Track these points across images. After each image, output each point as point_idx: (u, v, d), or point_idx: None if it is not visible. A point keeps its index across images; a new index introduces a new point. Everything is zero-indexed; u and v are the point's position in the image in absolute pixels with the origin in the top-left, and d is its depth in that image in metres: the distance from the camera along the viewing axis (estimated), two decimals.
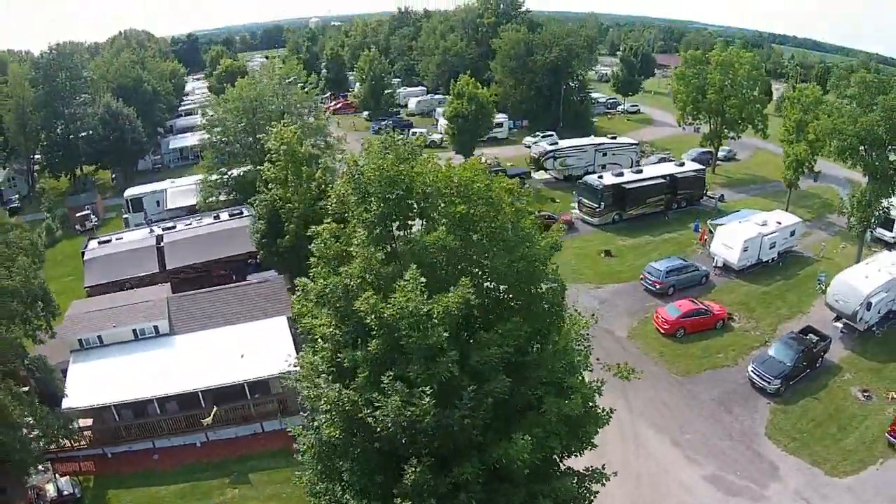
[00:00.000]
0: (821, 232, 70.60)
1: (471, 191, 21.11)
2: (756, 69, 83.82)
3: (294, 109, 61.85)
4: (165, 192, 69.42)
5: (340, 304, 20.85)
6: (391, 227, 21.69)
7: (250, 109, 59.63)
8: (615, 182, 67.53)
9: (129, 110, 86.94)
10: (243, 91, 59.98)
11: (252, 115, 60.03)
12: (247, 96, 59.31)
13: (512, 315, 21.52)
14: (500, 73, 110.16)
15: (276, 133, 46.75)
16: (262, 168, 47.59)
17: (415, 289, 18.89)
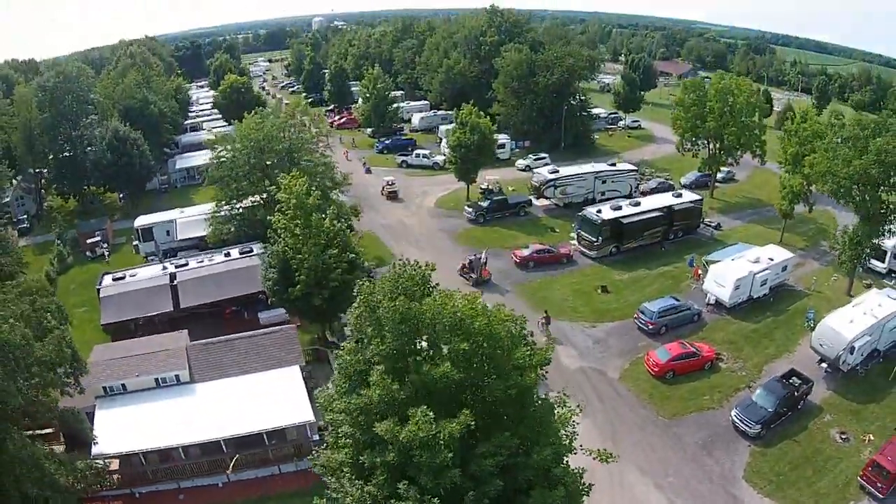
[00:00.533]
0: (813, 262, 72.39)
1: (472, 328, 24.20)
2: (754, 96, 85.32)
3: (301, 146, 63.39)
4: (175, 223, 71.11)
5: (361, 419, 23.15)
6: (406, 362, 24.66)
7: (258, 149, 61.34)
8: (613, 217, 69.42)
9: (136, 134, 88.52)
10: (251, 132, 61.49)
11: (260, 154, 61.80)
12: (254, 137, 60.89)
13: (505, 428, 24.56)
14: (503, 93, 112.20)
15: (286, 185, 48.58)
16: (273, 218, 49.40)
17: (425, 421, 21.80)
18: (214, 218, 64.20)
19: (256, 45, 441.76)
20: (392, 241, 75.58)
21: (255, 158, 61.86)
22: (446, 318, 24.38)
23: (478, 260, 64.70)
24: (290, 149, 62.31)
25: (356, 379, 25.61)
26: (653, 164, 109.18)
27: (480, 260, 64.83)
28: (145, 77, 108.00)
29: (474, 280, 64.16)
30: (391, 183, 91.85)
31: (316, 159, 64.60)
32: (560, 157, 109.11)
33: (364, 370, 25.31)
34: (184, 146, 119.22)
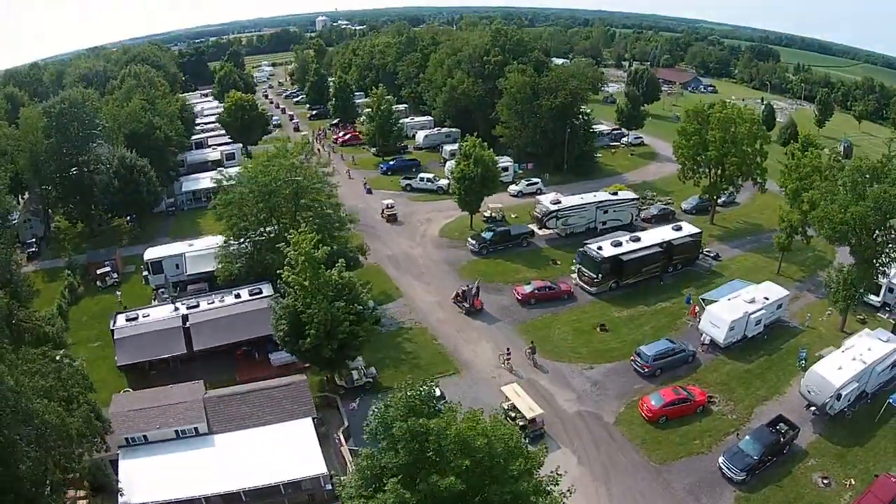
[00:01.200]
0: (809, 295, 74.04)
1: (474, 447, 27.06)
2: (756, 125, 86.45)
3: (308, 187, 64.63)
4: (184, 258, 72.42)
5: None
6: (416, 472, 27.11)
7: (266, 192, 62.66)
8: (614, 254, 70.83)
9: (143, 161, 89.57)
10: (258, 175, 62.72)
11: (267, 198, 63.14)
12: (262, 181, 62.16)
13: None
14: (506, 115, 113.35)
15: (295, 242, 49.98)
16: (282, 272, 50.80)
17: None
18: (223, 257, 65.38)
19: (260, 47, 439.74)
20: (397, 273, 77.01)
21: (261, 202, 63.04)
22: (451, 438, 26.94)
23: (470, 290, 67.65)
24: (298, 191, 63.42)
25: (372, 480, 28.17)
26: (654, 185, 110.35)
27: (472, 290, 67.65)
28: (150, 98, 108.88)
29: (466, 309, 67.60)
30: (391, 206, 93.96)
31: (323, 199, 65.64)
32: (563, 178, 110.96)
33: (378, 474, 27.82)
34: (189, 165, 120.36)
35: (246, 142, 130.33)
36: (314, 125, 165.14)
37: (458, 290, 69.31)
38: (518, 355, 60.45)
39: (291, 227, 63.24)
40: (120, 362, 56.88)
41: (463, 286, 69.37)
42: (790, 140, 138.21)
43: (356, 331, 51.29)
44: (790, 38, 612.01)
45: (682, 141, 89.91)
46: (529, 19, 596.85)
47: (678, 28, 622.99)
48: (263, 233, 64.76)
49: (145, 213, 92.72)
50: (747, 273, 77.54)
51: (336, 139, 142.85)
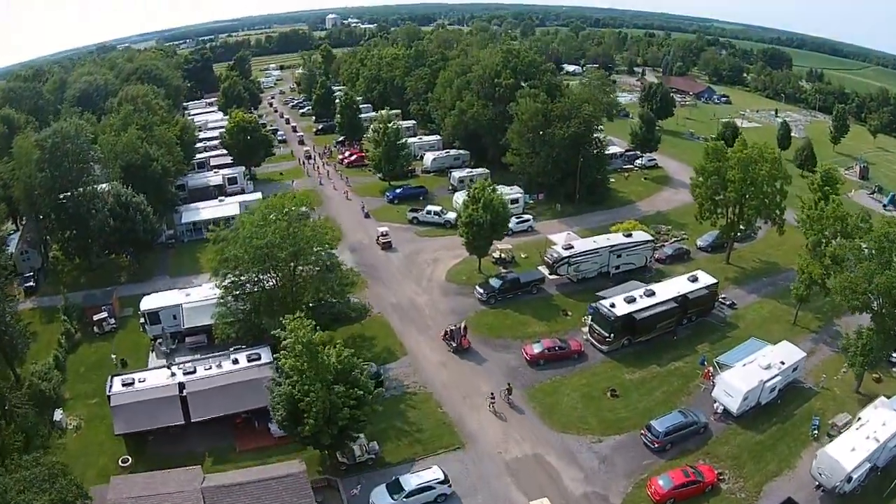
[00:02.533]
0: (825, 348, 71.13)
1: None
2: (777, 164, 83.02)
3: (308, 248, 61.60)
4: (182, 309, 69.77)
5: None
6: None
7: (262, 256, 59.69)
8: (627, 311, 67.53)
9: (139, 198, 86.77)
10: (253, 238, 59.58)
11: (264, 262, 60.20)
12: (256, 244, 59.08)
13: None
14: (517, 142, 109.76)
15: (291, 328, 47.02)
16: (279, 357, 48.10)
17: None
18: (219, 316, 62.78)
19: (269, 48, 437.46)
20: (401, 326, 73.75)
21: (257, 265, 60.14)
22: None
23: (457, 330, 67.88)
24: (296, 253, 60.44)
25: None
26: (668, 217, 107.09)
27: (459, 330, 67.97)
28: (147, 124, 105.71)
29: (454, 348, 67.68)
30: (385, 234, 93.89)
31: (323, 259, 62.66)
32: (575, 209, 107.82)
33: None
34: (190, 190, 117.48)
35: (249, 164, 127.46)
36: (320, 141, 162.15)
37: (447, 328, 69.08)
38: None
39: (289, 284, 60.74)
40: (117, 431, 54.51)
41: (450, 325, 69.29)
42: (806, 162, 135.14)
43: (357, 415, 48.59)
44: (801, 38, 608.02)
45: (700, 180, 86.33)
46: (540, 18, 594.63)
47: (689, 28, 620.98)
48: (261, 287, 61.58)
49: (142, 250, 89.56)
50: (763, 323, 75.17)
51: (342, 160, 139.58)
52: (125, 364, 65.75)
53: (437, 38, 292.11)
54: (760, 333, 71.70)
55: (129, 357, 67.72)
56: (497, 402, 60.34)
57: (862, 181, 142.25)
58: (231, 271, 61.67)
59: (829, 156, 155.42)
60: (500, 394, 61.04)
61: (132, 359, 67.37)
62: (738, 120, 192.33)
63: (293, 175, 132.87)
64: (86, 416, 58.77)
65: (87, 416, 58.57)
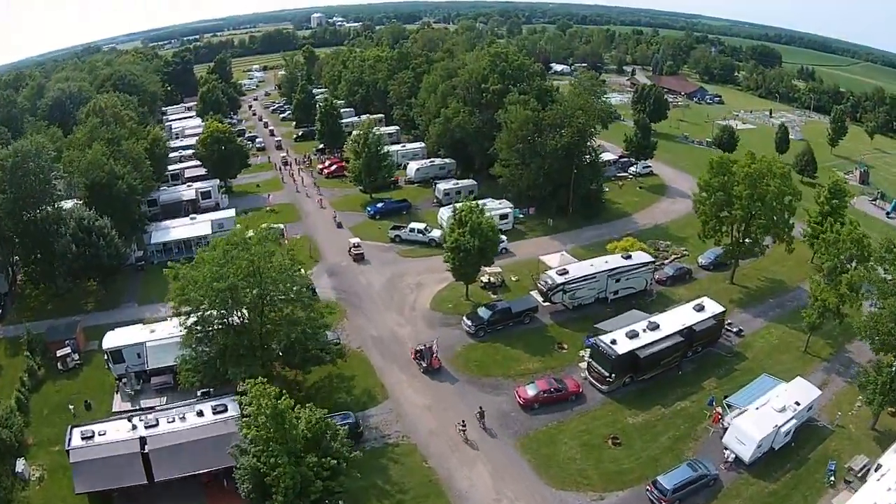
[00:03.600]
0: (838, 379, 66.03)
1: None
2: (786, 180, 77.32)
3: (275, 286, 55.13)
4: (145, 348, 63.82)
5: None
6: None
7: (226, 299, 53.31)
8: (630, 349, 61.48)
9: (102, 221, 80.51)
10: (214, 282, 52.89)
11: (228, 303, 53.84)
12: (218, 287, 52.57)
13: None
14: (506, 153, 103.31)
15: (254, 395, 40.77)
16: (242, 425, 41.86)
17: None
18: (183, 362, 56.72)
19: (253, 48, 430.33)
20: (382, 363, 67.30)
21: (220, 307, 53.74)
22: None
23: (428, 349, 64.84)
24: (263, 294, 54.04)
25: None
26: (667, 230, 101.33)
27: (430, 350, 64.98)
28: (115, 138, 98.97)
29: (424, 368, 64.75)
30: (357, 245, 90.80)
31: (293, 298, 56.20)
32: (568, 223, 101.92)
33: None
34: (162, 205, 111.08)
35: (224, 177, 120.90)
36: (300, 148, 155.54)
37: (418, 346, 66.25)
38: None
39: (256, 328, 54.51)
40: (78, 490, 49.25)
41: (420, 345, 65.97)
42: (806, 168, 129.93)
43: (331, 486, 42.46)
44: (789, 34, 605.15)
45: (704, 195, 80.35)
46: (526, 16, 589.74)
47: (676, 24, 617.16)
48: (226, 328, 55.26)
49: (108, 277, 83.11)
50: (772, 352, 69.82)
51: (322, 169, 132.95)
52: (89, 407, 61.04)
53: (421, 37, 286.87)
54: (770, 364, 66.93)
55: (95, 397, 62.37)
56: (468, 431, 56.86)
57: (862, 186, 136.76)
58: (194, 311, 55.13)
59: (828, 159, 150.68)
60: (474, 415, 58.13)
61: (97, 400, 62.05)
62: (732, 121, 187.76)
63: (271, 186, 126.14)
64: (49, 466, 53.90)
65: (51, 466, 53.74)
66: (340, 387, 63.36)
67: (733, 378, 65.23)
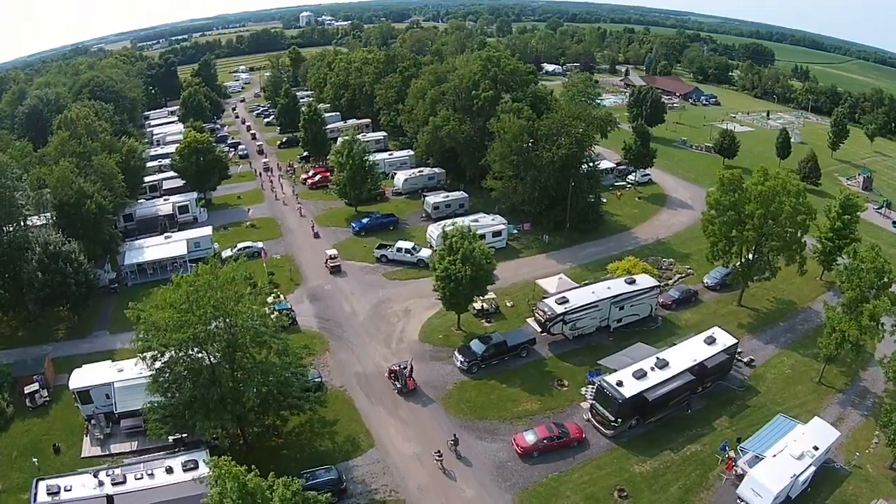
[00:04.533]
0: (854, 412, 61.62)
1: None
2: (802, 198, 72.18)
3: (244, 333, 49.46)
4: (114, 389, 58.85)
5: None
6: None
7: (189, 348, 47.76)
8: (638, 391, 56.23)
9: (70, 246, 74.84)
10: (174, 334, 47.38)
11: (193, 351, 48.30)
12: (180, 338, 46.99)
13: None
14: (499, 165, 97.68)
15: (218, 475, 35.28)
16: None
17: None
18: (149, 412, 50.97)
19: (240, 48, 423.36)
20: (368, 405, 61.69)
21: (184, 358, 48.19)
22: None
23: (402, 370, 62.79)
24: (233, 345, 48.48)
25: None
26: (670, 246, 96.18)
27: (404, 370, 62.89)
28: (85, 152, 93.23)
29: (399, 389, 62.58)
30: (333, 257, 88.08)
31: (268, 343, 50.59)
32: (565, 239, 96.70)
33: None
34: (139, 220, 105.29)
35: (202, 189, 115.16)
36: (284, 156, 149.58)
37: (392, 367, 64.03)
38: None
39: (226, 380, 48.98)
40: None
41: (394, 366, 63.80)
42: (810, 175, 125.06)
43: None
44: (780, 31, 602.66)
45: (713, 215, 75.10)
46: (516, 14, 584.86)
47: (666, 21, 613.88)
48: (194, 375, 49.65)
49: (77, 304, 77.12)
50: (786, 384, 65.27)
51: (305, 179, 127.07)
52: (58, 451, 56.85)
53: (410, 38, 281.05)
54: (784, 398, 62.97)
55: (64, 439, 57.98)
56: (445, 459, 54.20)
57: (866, 193, 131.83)
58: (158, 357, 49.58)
59: (828, 163, 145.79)
60: (447, 443, 55.47)
61: (67, 442, 57.65)
62: (729, 124, 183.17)
63: (253, 198, 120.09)
64: None
65: None
66: (322, 432, 57.96)
67: (746, 416, 60.51)
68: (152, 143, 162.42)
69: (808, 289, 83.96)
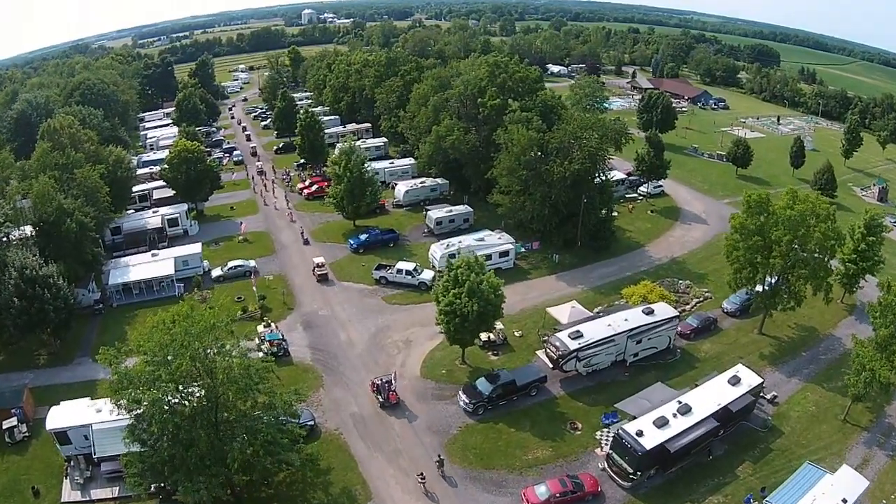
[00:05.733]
0: (880, 453, 56.84)
1: None
2: (833, 230, 67.04)
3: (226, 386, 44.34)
4: (92, 431, 54.08)
5: None
6: None
7: (165, 403, 42.76)
8: (659, 442, 51.21)
9: (49, 269, 69.82)
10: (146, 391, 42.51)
11: (168, 407, 43.29)
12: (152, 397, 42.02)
13: None
14: (506, 180, 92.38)
15: None
16: None
17: None
18: (128, 465, 45.99)
19: (240, 46, 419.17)
20: (365, 450, 56.45)
21: (159, 416, 43.11)
22: None
23: (385, 384, 61.38)
24: (216, 404, 43.46)
25: None
26: (685, 265, 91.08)
27: (386, 384, 61.44)
28: (68, 164, 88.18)
29: (381, 403, 61.12)
30: (321, 265, 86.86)
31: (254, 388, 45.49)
32: (575, 258, 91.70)
33: None
34: (126, 233, 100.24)
35: (193, 200, 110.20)
36: (280, 162, 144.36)
37: (375, 379, 62.40)
38: None
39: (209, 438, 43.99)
40: None
41: (379, 378, 62.17)
42: (826, 186, 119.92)
43: None
44: (784, 31, 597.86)
45: (737, 239, 69.92)
46: (519, 12, 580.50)
47: (670, 21, 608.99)
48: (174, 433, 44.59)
49: (58, 330, 72.15)
50: (811, 424, 60.22)
51: (301, 189, 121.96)
52: (37, 494, 52.61)
53: (412, 38, 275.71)
54: (808, 439, 58.21)
55: (43, 481, 53.63)
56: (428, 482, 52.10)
57: (882, 205, 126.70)
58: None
59: (841, 172, 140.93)
60: (434, 464, 53.70)
61: (46, 484, 53.21)
62: (738, 129, 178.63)
63: (246, 209, 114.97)
64: None
65: None
66: (315, 482, 52.82)
67: (770, 461, 55.67)
68: (146, 147, 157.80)
69: (829, 313, 78.84)
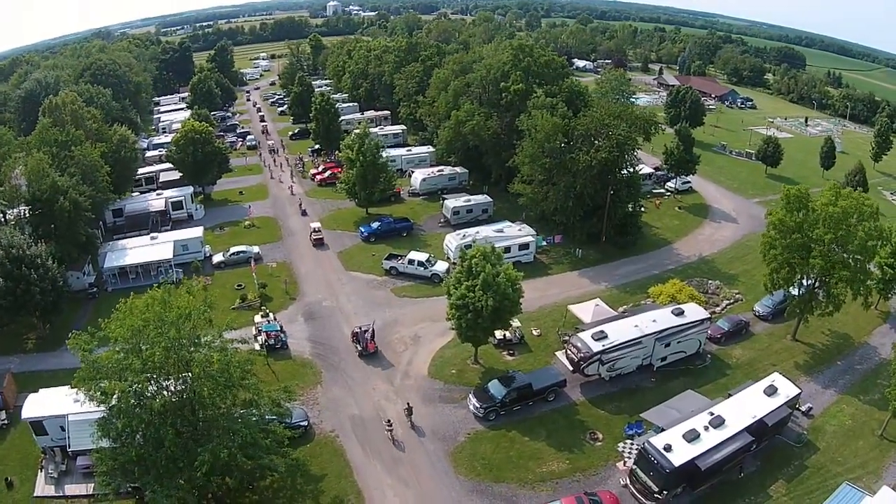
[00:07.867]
0: None
1: None
2: (876, 228, 60.95)
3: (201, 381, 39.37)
4: (67, 423, 50.65)
5: None
6: None
7: (133, 396, 37.89)
8: (688, 458, 45.67)
9: (37, 249, 65.54)
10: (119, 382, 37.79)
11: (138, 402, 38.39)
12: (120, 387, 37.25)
13: None
14: (528, 168, 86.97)
15: None
16: None
17: None
18: (99, 461, 41.48)
19: (263, 35, 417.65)
20: (362, 457, 51.32)
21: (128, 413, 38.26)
22: None
23: (363, 332, 62.11)
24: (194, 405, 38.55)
25: None
26: (715, 265, 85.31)
27: (365, 333, 62.19)
28: (67, 141, 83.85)
29: (359, 352, 61.91)
30: (317, 230, 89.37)
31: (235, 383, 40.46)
32: (600, 253, 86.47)
33: None
34: (127, 216, 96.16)
35: (200, 183, 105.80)
36: (295, 148, 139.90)
37: (355, 329, 63.42)
38: None
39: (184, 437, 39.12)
40: None
41: (356, 327, 63.50)
42: (858, 188, 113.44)
43: None
44: (808, 36, 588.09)
45: (774, 235, 64.02)
46: (545, 9, 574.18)
47: (695, 23, 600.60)
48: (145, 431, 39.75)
49: (47, 314, 68.21)
50: (847, 439, 55.01)
51: (314, 175, 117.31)
52: (11, 486, 50.16)
53: (436, 27, 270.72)
54: (845, 456, 53.04)
55: (19, 472, 51.05)
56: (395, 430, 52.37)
57: None
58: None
59: (871, 175, 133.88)
60: (403, 411, 54.34)
61: (21, 476, 50.61)
62: (769, 129, 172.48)
63: (256, 194, 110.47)
64: None
65: None
66: (305, 490, 48.00)
67: (804, 480, 50.38)
68: (158, 131, 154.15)
69: (863, 319, 73.19)
